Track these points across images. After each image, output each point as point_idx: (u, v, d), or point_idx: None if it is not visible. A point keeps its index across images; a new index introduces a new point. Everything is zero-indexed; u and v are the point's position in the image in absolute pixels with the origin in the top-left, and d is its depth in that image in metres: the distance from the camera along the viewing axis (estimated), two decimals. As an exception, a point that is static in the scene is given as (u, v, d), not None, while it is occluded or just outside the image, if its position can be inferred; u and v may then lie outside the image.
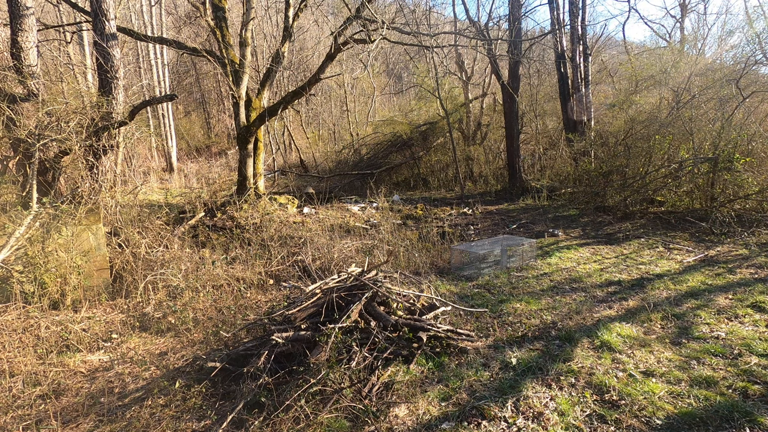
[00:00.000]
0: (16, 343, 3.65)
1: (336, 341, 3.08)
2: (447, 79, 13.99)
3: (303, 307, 3.39)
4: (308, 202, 9.30)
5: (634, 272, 5.23)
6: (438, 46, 10.49)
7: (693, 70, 9.11)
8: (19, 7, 5.37)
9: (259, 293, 4.89)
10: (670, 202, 7.93)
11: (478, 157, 12.88)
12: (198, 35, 17.44)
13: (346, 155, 14.46)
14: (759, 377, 2.94)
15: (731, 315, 3.95)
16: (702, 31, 18.09)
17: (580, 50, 10.73)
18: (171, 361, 3.57)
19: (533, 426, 2.57)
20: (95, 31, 5.94)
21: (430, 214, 8.74)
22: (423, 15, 12.94)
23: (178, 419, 2.78)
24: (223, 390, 3.06)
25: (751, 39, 9.83)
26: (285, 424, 2.64)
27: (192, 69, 21.19)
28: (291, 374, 3.03)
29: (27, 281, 4.22)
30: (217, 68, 9.05)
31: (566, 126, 11.27)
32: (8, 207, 4.68)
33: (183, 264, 5.07)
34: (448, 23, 16.72)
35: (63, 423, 2.81)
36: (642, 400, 2.76)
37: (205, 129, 21.23)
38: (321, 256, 5.62)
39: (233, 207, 7.68)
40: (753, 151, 7.38)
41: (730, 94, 8.04)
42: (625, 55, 15.37)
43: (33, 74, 5.46)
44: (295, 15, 8.83)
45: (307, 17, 17.24)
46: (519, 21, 10.91)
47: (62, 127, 5.16)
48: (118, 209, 5.48)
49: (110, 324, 4.23)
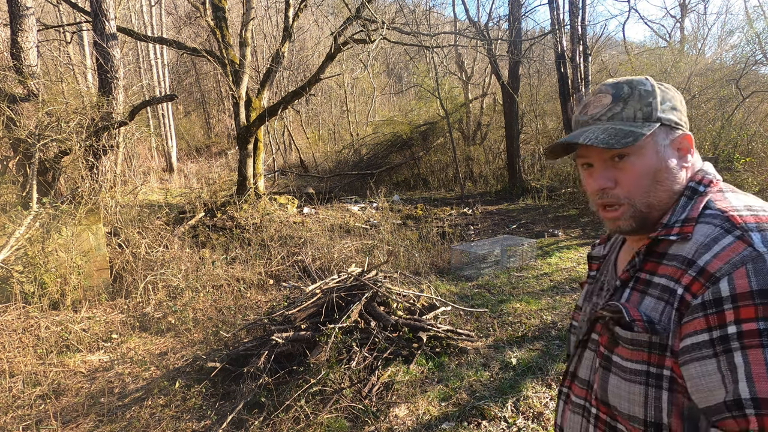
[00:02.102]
0: (16, 343, 3.65)
1: (336, 341, 3.08)
2: (447, 79, 13.99)
3: (303, 307, 3.39)
4: (308, 202, 9.30)
5: (634, 272, 5.23)
6: (438, 46, 10.50)
7: (693, 70, 9.12)
8: (19, 7, 5.37)
9: (259, 293, 4.89)
10: (670, 202, 7.93)
11: (478, 157, 12.88)
12: (198, 35, 17.44)
13: (346, 155, 14.46)
14: (759, 377, 2.94)
15: (731, 315, 3.95)
16: (702, 31, 18.12)
17: (580, 50, 10.72)
18: (171, 361, 3.57)
19: (533, 426, 2.57)
20: (95, 31, 5.94)
21: (430, 214, 8.75)
22: (423, 15, 12.95)
23: (178, 419, 2.78)
24: (223, 390, 3.06)
25: (751, 39, 9.84)
26: (285, 424, 2.64)
27: (192, 69, 21.19)
28: (291, 374, 3.03)
29: (27, 281, 4.23)
30: (217, 68, 9.05)
31: (566, 126, 11.27)
32: (8, 207, 4.68)
33: (183, 264, 5.07)
34: (448, 23, 16.73)
35: (63, 423, 2.81)
36: (642, 400, 2.76)
37: (205, 129, 21.23)
38: (321, 256, 5.62)
39: (233, 207, 7.68)
40: (753, 151, 7.39)
41: (730, 94, 8.05)
42: (625, 55, 15.37)
43: (33, 74, 5.45)
44: (295, 15, 8.83)
45: (307, 17, 17.25)
46: (519, 21, 10.92)
47: (62, 127, 5.16)
48: (118, 209, 5.48)
49: (110, 324, 4.23)
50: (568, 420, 0.85)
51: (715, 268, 0.63)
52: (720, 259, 0.63)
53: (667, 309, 0.67)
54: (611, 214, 0.77)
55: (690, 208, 0.73)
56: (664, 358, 0.66)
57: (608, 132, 0.73)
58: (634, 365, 0.69)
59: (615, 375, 0.72)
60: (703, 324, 0.62)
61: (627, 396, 0.70)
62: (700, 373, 0.62)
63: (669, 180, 0.75)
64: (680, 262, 0.68)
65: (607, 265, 0.91)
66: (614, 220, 0.77)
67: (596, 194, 0.78)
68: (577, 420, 0.82)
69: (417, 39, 10.14)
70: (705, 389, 0.61)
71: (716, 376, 0.60)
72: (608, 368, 0.74)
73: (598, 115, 0.77)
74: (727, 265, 0.62)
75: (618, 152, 0.74)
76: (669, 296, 0.67)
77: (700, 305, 0.62)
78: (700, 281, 0.63)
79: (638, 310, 0.70)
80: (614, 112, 0.76)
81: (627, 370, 0.70)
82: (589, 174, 0.79)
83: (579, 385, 0.83)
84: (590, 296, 0.90)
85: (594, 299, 0.88)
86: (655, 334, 0.67)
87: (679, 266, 0.68)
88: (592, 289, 0.91)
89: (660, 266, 0.71)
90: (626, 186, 0.75)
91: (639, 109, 0.75)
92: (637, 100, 0.75)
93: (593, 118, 0.78)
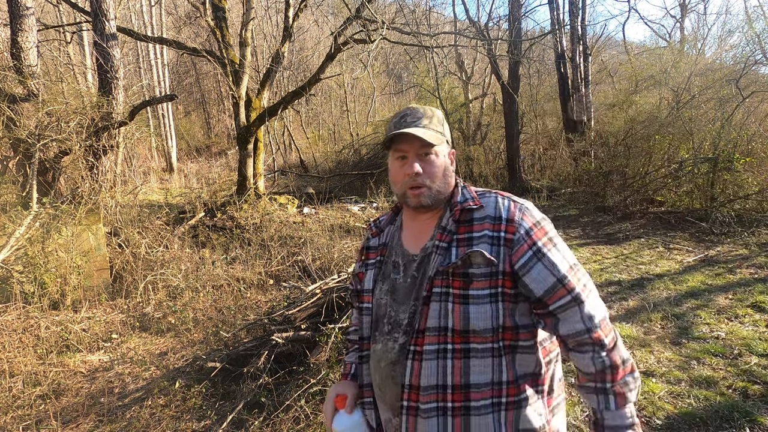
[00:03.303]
0: (16, 343, 3.65)
1: (336, 341, 3.08)
2: (447, 79, 13.99)
3: (303, 307, 3.39)
4: (308, 202, 9.30)
5: (634, 272, 5.23)
6: (438, 46, 10.49)
7: (693, 70, 9.11)
8: (19, 7, 5.37)
9: (259, 293, 4.89)
10: (670, 202, 7.92)
11: (478, 157, 12.87)
12: (198, 35, 17.43)
13: (346, 155, 14.45)
14: (759, 377, 2.94)
15: (731, 315, 3.95)
16: (702, 31, 18.11)
17: (580, 50, 10.72)
18: (171, 361, 3.57)
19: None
20: (95, 31, 5.94)
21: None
22: (423, 15, 12.94)
23: (178, 419, 2.78)
24: (223, 390, 3.06)
25: (751, 39, 9.83)
26: (285, 424, 2.64)
27: (192, 69, 21.19)
28: (291, 374, 3.03)
29: (27, 281, 4.22)
30: (217, 68, 9.05)
31: (566, 126, 11.27)
32: (8, 207, 4.68)
33: (183, 264, 5.07)
34: (448, 23, 16.72)
35: (63, 423, 2.81)
36: (642, 400, 2.76)
37: (205, 129, 21.23)
38: (321, 256, 5.61)
39: (233, 207, 7.68)
40: (753, 151, 7.38)
41: (730, 94, 8.03)
42: (625, 55, 15.37)
43: (33, 74, 5.45)
44: (295, 15, 8.83)
45: (307, 17, 17.24)
46: (519, 21, 10.92)
47: (62, 127, 5.16)
48: (118, 209, 5.48)
49: (110, 324, 4.23)
50: (423, 368, 1.01)
51: (514, 217, 1.02)
52: (513, 212, 1.03)
53: (496, 247, 1.00)
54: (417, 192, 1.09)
55: (466, 192, 1.11)
56: (497, 279, 0.99)
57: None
58: (483, 291, 0.98)
59: (473, 304, 0.98)
60: (526, 248, 0.99)
61: (482, 316, 0.98)
62: (536, 274, 0.98)
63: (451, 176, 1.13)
64: (491, 219, 1.03)
65: (391, 249, 1.16)
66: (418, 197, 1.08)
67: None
68: (432, 365, 1.00)
69: (417, 39, 10.13)
70: (541, 280, 0.98)
71: (545, 271, 0.98)
72: (467, 302, 0.99)
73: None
74: (519, 213, 1.03)
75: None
76: (495, 239, 1.01)
77: (520, 238, 1.00)
78: (513, 226, 1.01)
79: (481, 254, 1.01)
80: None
81: (480, 297, 0.98)
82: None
83: (430, 334, 1.00)
84: (384, 276, 1.14)
85: (392, 276, 1.12)
86: (496, 262, 0.99)
87: (492, 222, 1.02)
88: (383, 271, 1.15)
89: (473, 225, 1.04)
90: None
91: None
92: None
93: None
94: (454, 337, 0.98)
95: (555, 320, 0.99)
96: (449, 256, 1.02)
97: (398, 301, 1.08)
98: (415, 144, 1.08)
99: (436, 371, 0.99)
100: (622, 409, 0.96)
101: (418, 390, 1.00)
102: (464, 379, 0.98)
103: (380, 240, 1.20)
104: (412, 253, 1.10)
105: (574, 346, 0.99)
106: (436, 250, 1.05)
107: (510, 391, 0.98)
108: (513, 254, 0.99)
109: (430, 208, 1.10)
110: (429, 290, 1.02)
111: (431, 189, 1.07)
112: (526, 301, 1.01)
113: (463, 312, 0.98)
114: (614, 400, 0.96)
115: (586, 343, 0.97)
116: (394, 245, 1.16)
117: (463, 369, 0.98)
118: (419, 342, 1.01)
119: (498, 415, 0.98)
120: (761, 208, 6.94)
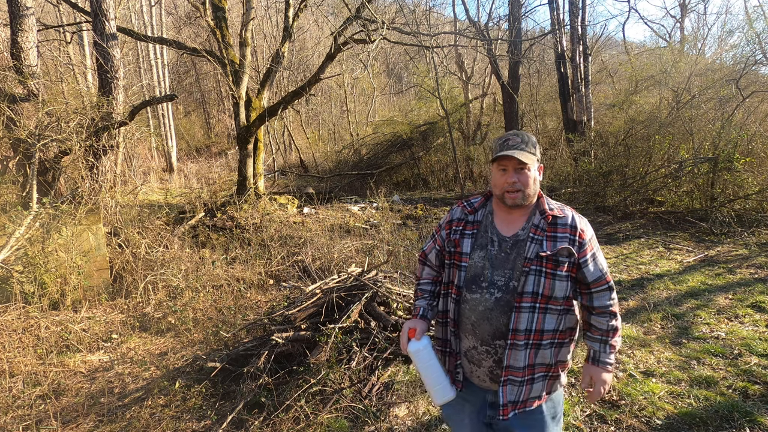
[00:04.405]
0: (16, 343, 3.65)
1: (336, 341, 3.08)
2: (447, 79, 13.99)
3: (303, 307, 3.39)
4: (308, 202, 9.30)
5: (634, 272, 5.23)
6: (438, 46, 10.50)
7: (693, 70, 9.11)
8: (19, 7, 5.36)
9: (259, 293, 4.89)
10: (670, 202, 7.92)
11: (478, 157, 12.87)
12: (198, 35, 17.43)
13: (346, 155, 14.45)
14: (759, 377, 2.94)
15: (731, 315, 3.95)
16: (702, 31, 18.12)
17: (580, 50, 10.71)
18: (171, 361, 3.57)
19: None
20: (95, 31, 5.93)
21: (430, 214, 8.74)
22: (423, 15, 12.93)
23: (178, 419, 2.78)
24: (223, 390, 3.06)
25: (751, 39, 9.82)
26: (285, 424, 2.64)
27: (192, 69, 21.19)
28: (291, 374, 3.03)
29: (27, 281, 4.22)
30: (217, 68, 9.05)
31: (566, 126, 11.27)
32: (8, 207, 4.68)
33: (183, 264, 5.06)
34: (448, 23, 16.71)
35: (63, 423, 2.81)
36: (642, 400, 2.76)
37: (205, 129, 21.23)
38: (321, 256, 5.61)
39: (233, 207, 7.68)
40: (753, 151, 7.38)
41: (730, 94, 8.03)
42: (625, 55, 15.36)
43: (33, 74, 5.45)
44: (295, 15, 8.83)
45: (307, 17, 17.24)
46: (519, 21, 10.92)
47: (62, 127, 5.16)
48: (118, 209, 5.48)
49: (110, 324, 4.23)
50: (520, 318, 1.47)
51: (582, 228, 1.50)
52: (581, 224, 1.51)
53: (573, 246, 1.47)
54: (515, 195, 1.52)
55: (551, 202, 1.56)
56: (572, 267, 1.48)
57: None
58: (564, 273, 1.47)
59: (557, 280, 1.46)
60: (588, 251, 1.49)
61: (561, 288, 1.47)
62: (591, 268, 1.50)
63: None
64: (570, 227, 1.49)
65: (486, 228, 1.57)
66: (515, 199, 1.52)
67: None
68: (526, 317, 1.46)
69: (417, 39, 10.13)
70: (593, 273, 1.50)
71: (596, 267, 1.51)
72: (554, 278, 1.46)
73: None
74: (586, 227, 1.52)
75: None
76: (572, 241, 1.47)
77: (584, 243, 1.49)
78: (583, 235, 1.49)
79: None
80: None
81: (562, 276, 1.46)
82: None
83: (526, 296, 1.45)
84: (480, 246, 1.54)
85: (489, 248, 1.53)
86: (573, 256, 1.47)
87: (570, 229, 1.49)
88: (478, 241, 1.55)
89: (557, 228, 1.49)
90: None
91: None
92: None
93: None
94: (541, 299, 1.45)
95: (591, 296, 1.53)
96: (543, 246, 1.46)
97: (495, 267, 1.50)
98: (514, 161, 1.48)
99: (527, 320, 1.45)
100: (612, 354, 1.55)
101: (516, 331, 1.46)
102: (542, 326, 1.47)
103: (475, 217, 1.60)
104: (505, 235, 1.53)
105: (598, 313, 1.54)
106: (531, 240, 1.48)
107: (560, 336, 1.52)
108: (580, 253, 1.48)
109: (521, 207, 1.52)
110: (528, 266, 1.45)
111: (524, 193, 1.49)
112: (575, 282, 1.52)
113: (551, 284, 1.45)
114: (609, 348, 1.54)
115: (606, 312, 1.53)
116: (488, 225, 1.57)
117: (543, 320, 1.47)
118: (517, 300, 1.45)
119: (552, 350, 1.50)
120: (761, 208, 6.93)
